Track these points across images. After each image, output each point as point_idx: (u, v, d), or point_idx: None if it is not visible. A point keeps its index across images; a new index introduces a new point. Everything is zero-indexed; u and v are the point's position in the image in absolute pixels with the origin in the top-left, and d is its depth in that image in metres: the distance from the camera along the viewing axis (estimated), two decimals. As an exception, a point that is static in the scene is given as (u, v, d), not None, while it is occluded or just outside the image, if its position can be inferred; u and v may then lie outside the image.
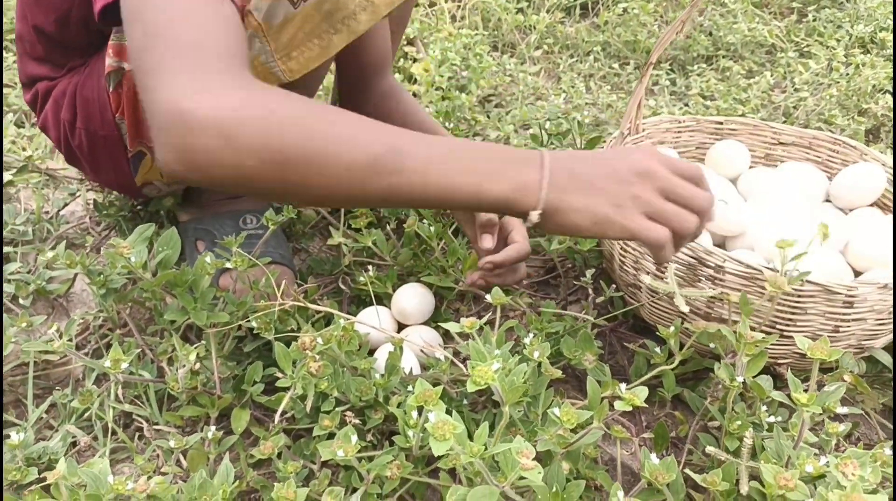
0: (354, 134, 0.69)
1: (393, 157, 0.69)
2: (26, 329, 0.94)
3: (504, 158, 0.73)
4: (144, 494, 0.69)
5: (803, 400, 0.69)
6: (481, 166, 0.71)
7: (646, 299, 0.99)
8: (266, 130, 0.65)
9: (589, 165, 0.74)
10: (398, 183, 0.69)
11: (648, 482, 0.72)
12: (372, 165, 0.68)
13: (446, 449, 0.59)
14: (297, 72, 0.90)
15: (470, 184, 0.71)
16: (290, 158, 0.66)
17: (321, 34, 0.89)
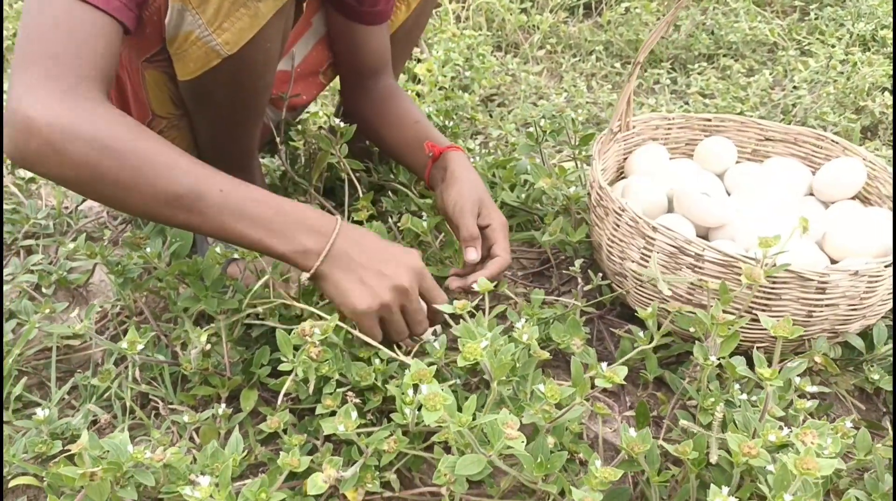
0: (162, 171, 0.79)
1: (191, 199, 0.80)
2: (49, 316, 1.01)
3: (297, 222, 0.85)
4: (161, 463, 0.75)
5: (766, 375, 0.74)
6: (274, 225, 0.83)
7: (631, 286, 1.04)
8: (87, 151, 0.76)
9: (365, 256, 0.88)
10: (195, 221, 0.81)
11: (627, 453, 0.77)
12: (171, 202, 0.79)
13: (437, 419, 0.65)
14: (235, 44, 0.93)
15: (256, 238, 0.83)
16: (103, 179, 0.77)
17: (246, 2, 0.91)
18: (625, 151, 1.26)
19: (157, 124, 1.08)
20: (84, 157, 0.76)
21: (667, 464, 0.84)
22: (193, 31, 0.92)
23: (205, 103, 1.05)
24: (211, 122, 1.09)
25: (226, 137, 1.13)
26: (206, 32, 0.91)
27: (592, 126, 1.92)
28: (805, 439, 0.70)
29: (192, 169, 0.81)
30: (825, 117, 1.89)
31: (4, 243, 1.25)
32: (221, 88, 1.00)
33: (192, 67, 0.96)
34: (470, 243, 1.05)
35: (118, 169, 0.77)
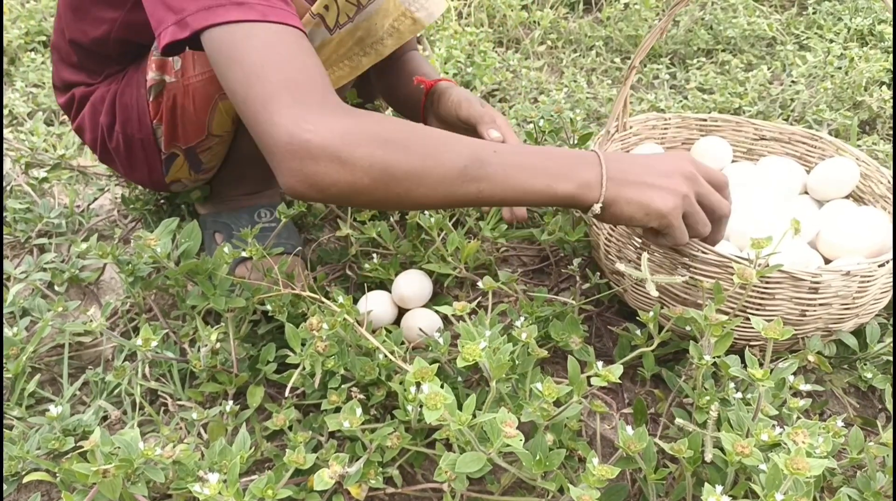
0: (444, 149, 0.80)
1: (477, 166, 0.80)
2: (62, 313, 1.04)
3: (567, 160, 0.85)
4: (171, 459, 0.77)
5: (758, 375, 0.76)
6: (550, 169, 0.83)
7: (628, 285, 1.07)
8: (373, 151, 0.76)
9: (638, 166, 0.87)
10: (484, 188, 0.81)
11: (624, 450, 0.80)
12: (461, 175, 0.80)
13: (437, 417, 0.67)
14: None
15: (543, 185, 0.83)
16: (394, 174, 0.77)
17: (352, 56, 0.99)
18: (622, 150, 1.28)
19: (209, 141, 1.12)
20: (372, 157, 0.76)
21: (664, 461, 0.87)
22: None
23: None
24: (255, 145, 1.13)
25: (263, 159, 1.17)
26: None
27: (592, 121, 1.94)
28: (796, 438, 0.72)
29: (464, 141, 0.82)
30: (822, 114, 1.90)
31: (18, 241, 1.28)
32: None
33: None
34: (490, 125, 1.09)
35: (407, 158, 0.78)
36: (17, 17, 2.18)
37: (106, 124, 1.13)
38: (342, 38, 0.98)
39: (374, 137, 0.77)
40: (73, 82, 1.16)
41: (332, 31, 0.97)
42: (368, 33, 1.00)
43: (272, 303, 0.99)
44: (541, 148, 0.87)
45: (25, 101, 1.80)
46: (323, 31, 0.97)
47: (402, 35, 1.03)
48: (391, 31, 1.02)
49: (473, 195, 0.82)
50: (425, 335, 1.05)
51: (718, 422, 0.85)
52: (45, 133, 1.61)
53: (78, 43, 1.10)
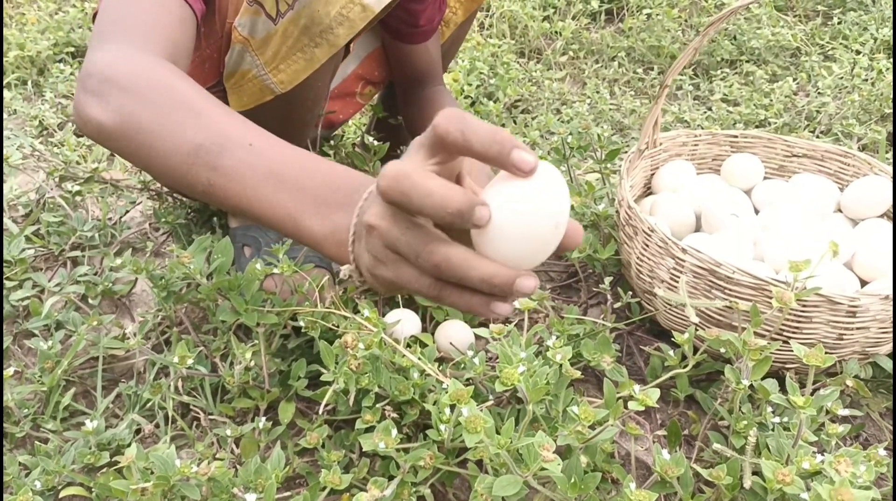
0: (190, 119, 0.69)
1: (215, 151, 0.67)
2: (96, 327, 1.04)
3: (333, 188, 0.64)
4: (206, 477, 0.78)
5: (800, 403, 0.76)
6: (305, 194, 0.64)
7: (661, 305, 1.06)
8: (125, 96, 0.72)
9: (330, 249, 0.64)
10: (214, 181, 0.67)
11: (660, 476, 0.79)
12: (193, 153, 0.68)
13: (477, 441, 0.67)
14: (289, 83, 0.99)
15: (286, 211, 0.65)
16: (134, 125, 0.71)
17: (303, 48, 0.96)
18: (652, 167, 1.27)
19: None
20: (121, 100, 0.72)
21: (699, 485, 0.86)
22: (251, 70, 0.98)
23: None
24: None
25: None
26: (262, 72, 0.97)
27: (616, 132, 1.93)
28: (839, 468, 0.72)
29: (225, 119, 0.70)
30: (851, 128, 1.89)
31: (53, 254, 1.29)
32: (272, 120, 1.03)
33: (247, 100, 1.01)
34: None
35: (149, 114, 0.71)
36: (46, 29, 2.20)
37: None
38: (286, 27, 0.96)
39: (136, 84, 0.72)
40: None
41: (275, 20, 0.95)
42: (313, 21, 0.95)
43: (304, 319, 0.99)
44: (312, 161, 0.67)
45: (55, 112, 1.82)
46: (265, 20, 0.95)
47: (353, 23, 0.96)
48: (340, 19, 0.96)
49: (204, 185, 0.68)
50: (456, 349, 1.05)
51: (756, 447, 0.84)
52: (76, 144, 1.62)
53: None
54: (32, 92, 1.98)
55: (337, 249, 0.62)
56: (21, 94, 1.95)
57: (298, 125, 1.10)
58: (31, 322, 1.08)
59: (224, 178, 0.66)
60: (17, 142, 1.62)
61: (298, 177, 0.64)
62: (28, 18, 2.26)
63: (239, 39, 0.96)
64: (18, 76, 2.02)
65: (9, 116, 1.81)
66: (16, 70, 2.03)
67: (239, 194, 0.66)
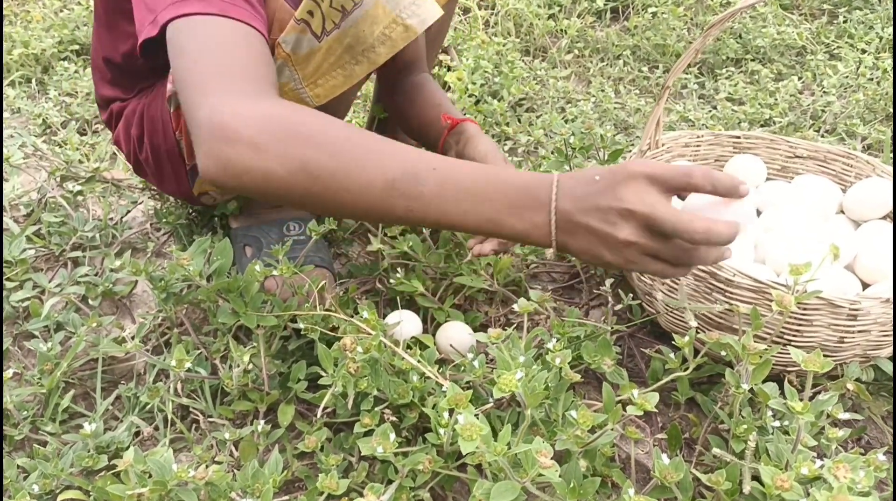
0: (374, 157, 0.74)
1: (410, 182, 0.74)
2: (96, 329, 1.04)
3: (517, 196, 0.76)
4: (203, 481, 0.77)
5: (798, 408, 0.75)
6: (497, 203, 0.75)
7: (662, 308, 1.05)
8: (291, 143, 0.73)
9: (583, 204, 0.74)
10: (414, 208, 0.75)
11: (660, 480, 0.79)
12: (388, 188, 0.74)
13: (473, 448, 0.67)
14: (324, 97, 1.01)
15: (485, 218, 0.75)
16: (312, 172, 0.73)
17: (343, 65, 0.99)
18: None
19: None
20: (288, 149, 0.73)
21: (699, 489, 0.86)
22: (289, 84, 1.00)
23: None
24: None
25: None
26: (300, 86, 1.00)
27: (620, 132, 1.93)
28: (838, 473, 0.71)
29: (403, 151, 0.76)
30: (855, 128, 1.88)
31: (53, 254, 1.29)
32: None
33: None
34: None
35: (328, 159, 0.73)
36: (51, 26, 2.20)
37: (136, 136, 1.15)
38: (330, 45, 0.98)
39: (296, 129, 0.74)
40: (111, 98, 1.19)
41: (320, 38, 0.97)
42: (357, 40, 0.98)
43: (304, 321, 0.99)
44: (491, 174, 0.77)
45: (59, 110, 1.82)
46: (310, 37, 0.97)
47: (394, 43, 1.00)
48: (383, 38, 0.99)
49: (402, 213, 0.75)
50: (457, 352, 1.05)
51: (756, 452, 0.83)
52: (79, 143, 1.62)
53: (111, 60, 1.13)
54: (36, 90, 1.98)
55: (539, 240, 0.76)
56: (25, 92, 1.95)
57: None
58: (31, 323, 1.09)
59: (422, 203, 0.74)
60: (18, 141, 1.62)
61: (486, 190, 0.75)
62: (33, 16, 2.26)
63: (282, 55, 0.97)
64: (23, 74, 2.02)
65: (12, 115, 1.81)
66: (20, 68, 2.03)
67: (438, 214, 0.75)
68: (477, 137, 1.17)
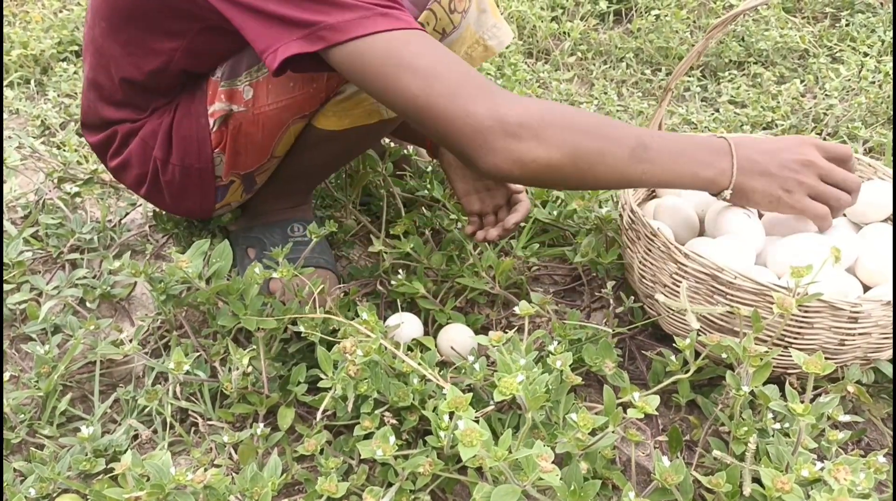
0: (616, 132, 0.90)
1: (642, 149, 0.89)
2: (94, 331, 1.04)
3: (707, 148, 0.95)
4: (202, 484, 0.77)
5: (799, 410, 0.75)
6: (696, 156, 0.94)
7: (663, 311, 1.05)
8: (562, 130, 0.86)
9: (764, 154, 0.96)
10: (646, 170, 0.90)
11: (660, 483, 0.78)
12: (631, 156, 0.89)
13: (473, 454, 0.66)
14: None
15: (690, 171, 0.93)
16: (582, 153, 0.87)
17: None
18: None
19: (269, 164, 1.14)
20: (563, 135, 0.85)
21: (699, 492, 0.85)
22: (369, 98, 1.01)
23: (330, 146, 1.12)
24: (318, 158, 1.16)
25: (317, 170, 1.22)
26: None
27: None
28: (838, 476, 0.71)
29: (626, 126, 0.94)
30: (857, 131, 1.87)
31: (51, 256, 1.28)
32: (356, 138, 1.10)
33: (346, 122, 1.06)
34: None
35: (591, 139, 0.87)
36: (50, 27, 2.20)
37: (160, 157, 1.10)
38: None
39: (561, 119, 0.86)
40: (115, 120, 1.12)
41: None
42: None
43: (304, 324, 0.98)
44: (683, 136, 0.99)
45: (58, 111, 1.82)
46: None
47: (473, 61, 1.08)
48: (465, 57, 1.05)
49: (638, 176, 0.90)
50: (458, 354, 1.04)
51: (757, 454, 0.83)
52: (77, 145, 1.62)
53: (130, 80, 1.06)
54: (35, 91, 1.98)
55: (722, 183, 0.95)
56: (24, 93, 1.95)
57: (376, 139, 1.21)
58: (29, 326, 1.08)
59: (652, 165, 0.90)
60: (16, 142, 1.61)
61: (687, 148, 0.94)
62: (32, 16, 2.26)
63: None
64: (21, 75, 2.01)
65: (10, 116, 1.81)
66: (19, 69, 2.03)
67: (661, 173, 0.92)
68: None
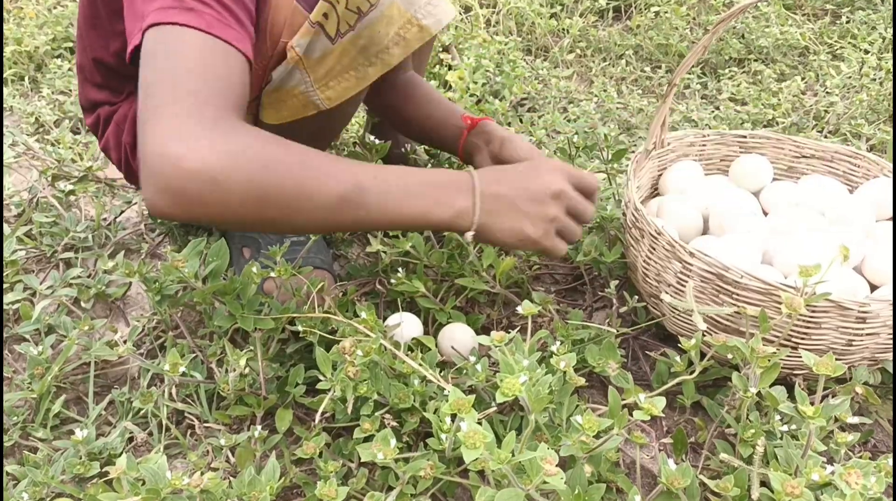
0: (324, 175, 0.79)
1: (357, 194, 0.81)
2: (88, 332, 1.02)
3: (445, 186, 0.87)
4: (198, 489, 0.75)
5: (809, 413, 0.73)
6: (428, 196, 0.85)
7: (667, 310, 1.03)
8: (249, 175, 0.74)
9: (512, 187, 0.89)
10: (362, 215, 0.82)
11: (666, 486, 0.77)
12: (340, 203, 0.80)
13: (477, 457, 0.65)
14: (335, 100, 0.99)
15: (419, 212, 0.85)
16: (269, 199, 0.76)
17: (357, 66, 0.97)
18: (659, 167, 1.25)
19: None
20: (250, 182, 0.74)
21: (706, 495, 0.84)
22: (298, 87, 0.98)
23: None
24: None
25: None
26: (310, 89, 0.98)
27: (623, 132, 1.91)
28: (849, 480, 0.69)
29: (346, 166, 0.83)
30: (859, 128, 1.86)
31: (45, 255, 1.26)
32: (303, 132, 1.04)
33: (285, 114, 1.01)
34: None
35: (287, 184, 0.77)
36: (44, 23, 2.17)
37: (129, 144, 1.11)
38: (344, 47, 0.96)
39: (255, 160, 0.75)
40: (99, 101, 1.14)
41: (334, 40, 0.95)
42: (372, 41, 0.97)
43: (302, 323, 0.97)
44: (419, 173, 0.88)
45: (52, 108, 1.79)
46: (324, 40, 0.95)
47: (409, 43, 1.01)
48: (397, 39, 0.99)
49: (351, 221, 0.83)
50: (458, 354, 1.02)
51: (764, 457, 0.81)
52: (72, 142, 1.60)
53: (101, 60, 1.08)
54: (30, 88, 1.95)
55: (462, 224, 0.87)
56: (18, 90, 1.92)
57: (328, 135, 1.13)
58: (22, 326, 1.06)
59: (368, 211, 0.82)
60: (9, 139, 1.59)
61: (417, 188, 0.85)
62: (26, 13, 2.23)
63: (294, 59, 0.95)
64: (15, 72, 1.99)
65: (4, 113, 1.79)
66: (13, 66, 2.01)
67: (381, 219, 0.84)
68: (513, 140, 1.14)
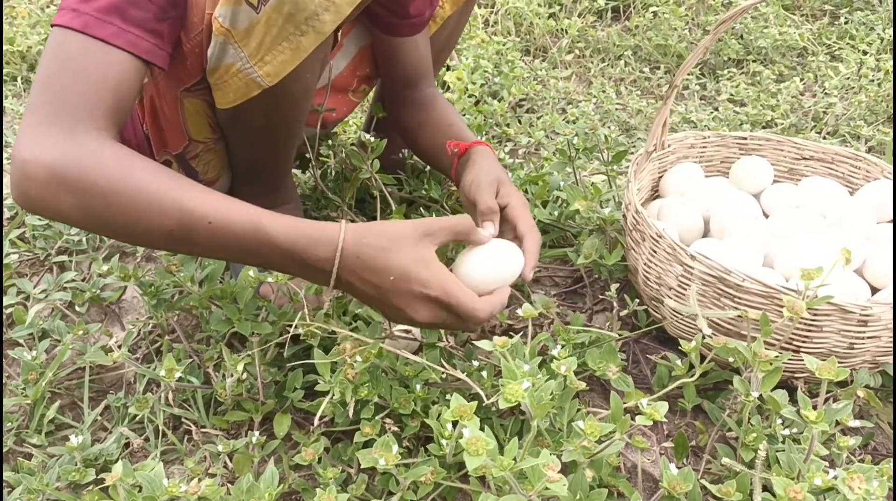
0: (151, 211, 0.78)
1: (185, 233, 0.79)
2: (83, 337, 1.01)
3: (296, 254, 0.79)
4: (196, 496, 0.74)
5: (812, 417, 0.73)
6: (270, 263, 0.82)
7: (668, 313, 1.03)
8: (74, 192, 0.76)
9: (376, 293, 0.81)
10: (196, 251, 0.82)
11: (668, 491, 0.76)
12: (168, 237, 0.79)
13: (479, 463, 0.64)
14: (276, 75, 0.94)
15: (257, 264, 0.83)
16: (96, 220, 0.78)
17: (288, 37, 0.92)
18: (659, 169, 1.24)
19: (194, 148, 1.09)
20: (74, 200, 0.76)
21: (707, 499, 0.83)
22: (235, 64, 0.93)
23: (243, 129, 1.06)
24: (248, 146, 1.11)
25: (261, 160, 1.15)
26: (247, 65, 0.93)
27: (622, 133, 1.90)
28: (852, 484, 0.69)
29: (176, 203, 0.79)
30: (859, 130, 1.85)
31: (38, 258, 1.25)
32: (260, 115, 1.01)
33: (233, 96, 0.96)
34: (488, 216, 1.00)
35: (108, 211, 0.77)
36: (37, 23, 2.17)
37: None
38: (269, 15, 0.90)
39: (81, 179, 0.76)
40: None
41: (258, 8, 0.90)
42: (297, 7, 0.91)
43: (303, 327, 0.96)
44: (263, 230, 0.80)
45: (47, 110, 1.78)
46: (247, 8, 0.89)
47: (339, 8, 0.93)
48: (326, 4, 0.92)
49: (187, 252, 0.85)
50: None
51: (766, 461, 0.81)
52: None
53: None
54: (22, 88, 1.94)
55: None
56: (11, 90, 1.91)
57: (286, 121, 1.07)
58: (16, 331, 1.05)
59: (201, 250, 0.82)
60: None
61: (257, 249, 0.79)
62: (18, 12, 2.22)
63: (220, 31, 0.90)
64: (8, 72, 1.98)
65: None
66: (5, 66, 1.99)
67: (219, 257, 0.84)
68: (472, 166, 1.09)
